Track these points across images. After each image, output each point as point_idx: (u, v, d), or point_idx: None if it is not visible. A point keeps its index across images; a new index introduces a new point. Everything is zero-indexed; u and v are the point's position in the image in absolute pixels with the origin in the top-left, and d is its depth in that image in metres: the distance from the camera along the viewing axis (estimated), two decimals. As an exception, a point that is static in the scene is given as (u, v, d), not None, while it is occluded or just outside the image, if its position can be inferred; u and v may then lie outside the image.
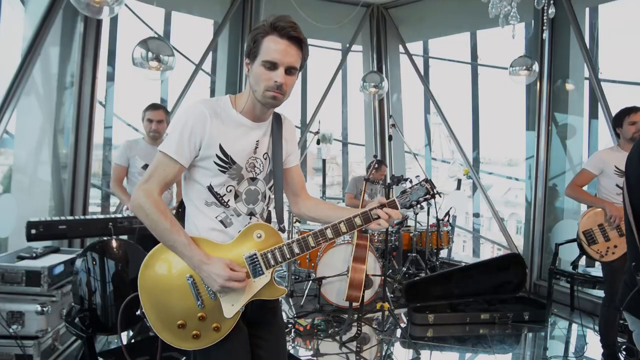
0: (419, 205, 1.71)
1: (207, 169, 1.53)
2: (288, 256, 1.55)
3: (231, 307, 1.52)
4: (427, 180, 1.66)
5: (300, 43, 1.50)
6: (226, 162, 1.53)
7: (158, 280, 1.53)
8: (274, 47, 1.46)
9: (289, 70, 1.49)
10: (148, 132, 3.40)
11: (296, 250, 1.55)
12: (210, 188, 1.55)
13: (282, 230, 1.65)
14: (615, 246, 3.09)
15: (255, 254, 1.53)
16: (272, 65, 1.47)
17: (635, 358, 2.86)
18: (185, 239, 1.47)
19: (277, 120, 1.67)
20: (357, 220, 1.57)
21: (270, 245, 1.55)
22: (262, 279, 1.54)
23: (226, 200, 1.57)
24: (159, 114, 3.39)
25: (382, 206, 1.58)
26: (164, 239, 1.49)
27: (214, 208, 1.57)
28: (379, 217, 1.58)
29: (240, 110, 1.57)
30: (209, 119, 1.49)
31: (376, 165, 4.48)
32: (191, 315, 1.51)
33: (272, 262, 1.54)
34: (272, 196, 1.71)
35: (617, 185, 3.10)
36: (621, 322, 3.21)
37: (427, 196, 1.65)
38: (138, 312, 1.55)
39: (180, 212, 1.66)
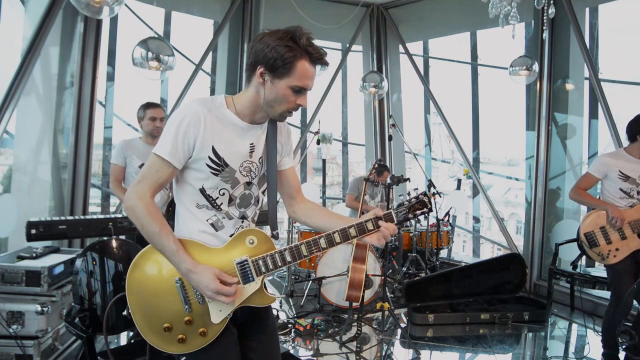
0: (415, 218, 1.70)
1: (200, 170, 1.50)
2: (279, 264, 1.53)
3: (219, 313, 1.51)
4: (425, 194, 1.65)
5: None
6: (218, 165, 1.50)
7: (146, 282, 1.52)
8: (306, 73, 1.46)
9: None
10: (151, 131, 3.33)
11: (288, 258, 1.53)
12: (202, 190, 1.53)
13: (275, 237, 1.63)
14: (617, 249, 3.05)
15: (246, 260, 1.52)
16: (301, 90, 1.48)
17: (632, 341, 2.87)
18: (174, 245, 1.45)
19: (273, 122, 1.63)
20: (352, 231, 1.56)
21: (262, 252, 1.53)
22: (252, 285, 1.52)
23: (219, 204, 1.55)
24: (161, 112, 3.35)
25: (377, 219, 1.56)
26: (153, 242, 1.48)
27: (205, 211, 1.55)
28: (374, 230, 1.56)
29: (238, 111, 1.54)
30: (203, 119, 1.46)
31: (379, 169, 4.48)
32: (178, 318, 1.50)
33: (263, 269, 1.52)
34: (265, 198, 1.68)
35: (621, 190, 3.07)
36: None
37: (425, 210, 1.65)
38: (125, 313, 1.54)
39: (170, 212, 1.65)
